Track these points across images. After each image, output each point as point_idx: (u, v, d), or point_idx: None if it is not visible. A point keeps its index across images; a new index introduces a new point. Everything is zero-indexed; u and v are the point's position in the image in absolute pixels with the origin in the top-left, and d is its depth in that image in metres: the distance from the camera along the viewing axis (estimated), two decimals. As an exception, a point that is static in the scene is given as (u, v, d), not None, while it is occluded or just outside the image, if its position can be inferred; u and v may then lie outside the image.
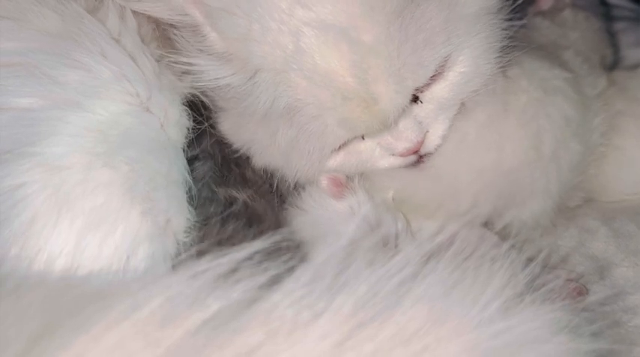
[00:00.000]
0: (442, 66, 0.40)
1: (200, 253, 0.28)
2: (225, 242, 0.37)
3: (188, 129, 0.43)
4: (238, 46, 0.37)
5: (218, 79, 0.39)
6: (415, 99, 0.41)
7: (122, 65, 0.39)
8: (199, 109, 0.44)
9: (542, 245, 0.44)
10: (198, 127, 0.43)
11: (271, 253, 0.28)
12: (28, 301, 0.29)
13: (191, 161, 0.43)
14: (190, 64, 0.40)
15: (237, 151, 0.45)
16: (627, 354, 0.35)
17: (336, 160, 0.43)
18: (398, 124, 0.41)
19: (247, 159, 0.45)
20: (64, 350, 0.26)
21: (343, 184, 0.43)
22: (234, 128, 0.44)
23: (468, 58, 0.41)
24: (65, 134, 0.36)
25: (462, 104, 0.44)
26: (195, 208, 0.40)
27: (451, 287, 0.27)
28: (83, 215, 0.35)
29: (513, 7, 0.45)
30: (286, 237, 0.30)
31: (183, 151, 0.42)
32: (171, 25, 0.40)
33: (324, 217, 0.43)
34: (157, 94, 0.41)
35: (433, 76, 0.40)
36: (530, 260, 0.36)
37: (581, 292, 0.43)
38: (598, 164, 0.51)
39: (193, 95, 0.44)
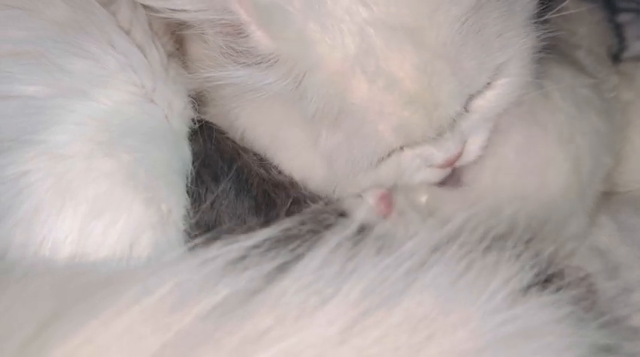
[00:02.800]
0: (493, 76, 0.40)
1: (210, 240, 0.29)
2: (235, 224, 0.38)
3: (193, 120, 0.43)
4: (290, 46, 0.36)
5: (259, 87, 0.38)
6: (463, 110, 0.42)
7: (129, 55, 0.40)
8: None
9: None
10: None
11: (280, 241, 0.30)
12: (35, 288, 0.31)
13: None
14: (226, 76, 0.39)
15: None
16: (628, 349, 0.36)
17: (376, 174, 0.43)
18: (443, 135, 0.41)
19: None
20: (73, 335, 0.27)
21: (392, 203, 0.44)
22: (258, 128, 0.43)
23: (516, 68, 0.41)
24: (69, 123, 0.38)
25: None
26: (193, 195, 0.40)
27: (458, 277, 0.28)
28: (86, 203, 0.36)
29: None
30: (295, 225, 0.31)
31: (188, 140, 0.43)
32: (201, 33, 0.39)
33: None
34: (163, 85, 0.42)
35: (485, 86, 0.40)
36: (538, 253, 0.38)
37: (590, 289, 0.44)
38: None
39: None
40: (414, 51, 0.36)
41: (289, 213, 0.40)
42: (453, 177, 0.46)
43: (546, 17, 0.50)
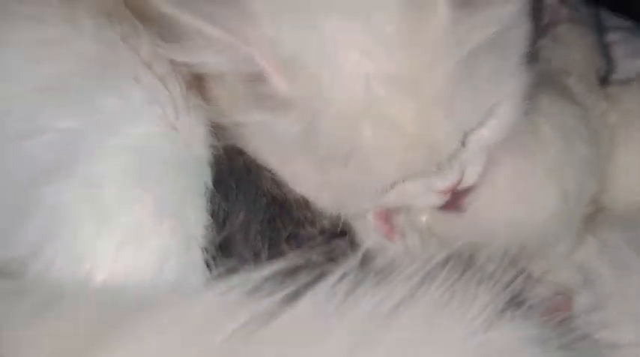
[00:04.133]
0: (487, 114, 0.45)
1: (231, 270, 0.35)
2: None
3: (214, 146, 0.48)
4: (305, 92, 0.41)
5: (278, 127, 0.43)
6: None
7: (153, 89, 0.44)
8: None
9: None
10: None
11: (290, 271, 0.35)
12: (75, 308, 0.36)
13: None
14: (244, 120, 0.44)
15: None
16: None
17: (380, 201, 0.47)
18: (443, 166, 0.46)
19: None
20: (110, 354, 0.33)
21: (391, 221, 0.49)
22: (270, 158, 0.47)
23: (509, 106, 0.46)
24: (102, 155, 0.42)
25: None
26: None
27: (442, 305, 0.33)
28: (120, 230, 0.41)
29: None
30: (306, 257, 0.37)
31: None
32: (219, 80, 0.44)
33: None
34: (184, 114, 0.46)
35: (479, 123, 0.45)
36: (518, 272, 0.43)
37: (567, 306, 0.49)
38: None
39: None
40: (412, 99, 0.41)
41: (290, 237, 0.45)
42: (452, 202, 0.52)
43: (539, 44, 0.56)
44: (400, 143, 0.42)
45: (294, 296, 0.33)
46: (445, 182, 0.47)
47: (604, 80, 0.63)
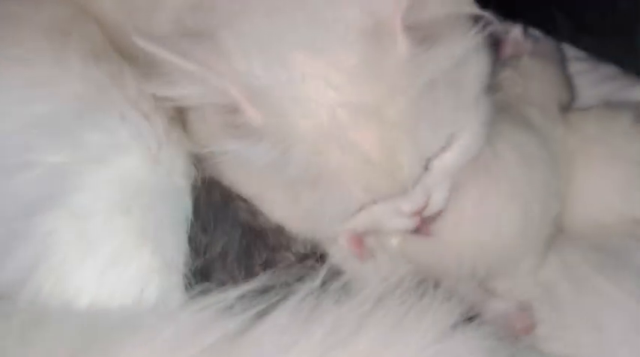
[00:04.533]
0: (449, 140, 0.48)
1: (204, 291, 0.38)
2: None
3: (195, 178, 0.51)
4: (276, 120, 0.43)
5: (253, 156, 0.45)
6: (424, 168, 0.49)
7: (137, 125, 0.48)
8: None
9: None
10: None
11: (260, 291, 0.38)
12: (60, 330, 0.39)
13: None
14: (222, 149, 0.47)
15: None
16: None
17: (350, 224, 0.50)
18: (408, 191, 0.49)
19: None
20: None
21: (362, 244, 0.52)
22: (247, 185, 0.51)
23: (469, 133, 0.49)
24: (88, 187, 0.46)
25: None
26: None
27: (399, 319, 0.37)
28: (104, 255, 0.44)
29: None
30: (277, 277, 0.40)
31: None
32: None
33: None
34: (166, 148, 0.50)
35: (442, 148, 0.48)
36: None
37: (527, 321, 0.52)
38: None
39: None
40: (376, 126, 0.44)
41: (266, 262, 0.48)
42: (422, 227, 0.55)
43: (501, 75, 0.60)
44: (365, 168, 0.45)
45: (264, 314, 0.36)
46: (411, 205, 0.50)
47: (567, 109, 0.67)
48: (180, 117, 0.54)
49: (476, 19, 0.49)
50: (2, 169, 0.46)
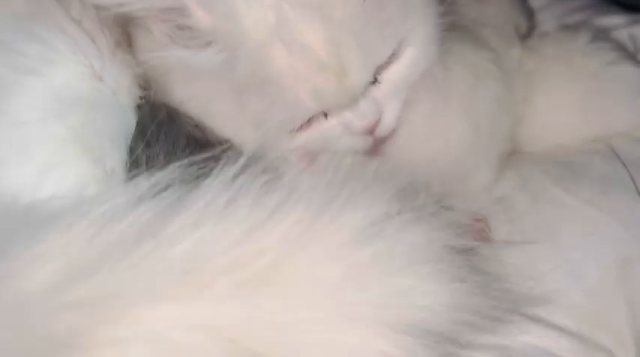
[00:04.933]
0: (397, 49, 0.48)
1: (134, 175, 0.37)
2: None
3: (140, 97, 0.51)
4: (224, 21, 0.43)
5: (201, 62, 0.45)
6: (374, 80, 0.49)
7: (79, 40, 0.48)
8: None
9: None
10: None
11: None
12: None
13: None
14: (169, 56, 0.46)
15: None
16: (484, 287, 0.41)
17: (300, 138, 0.49)
18: (359, 103, 0.48)
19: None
20: (24, 252, 0.35)
21: (314, 162, 0.50)
22: (194, 98, 0.50)
23: (418, 42, 0.49)
24: (25, 95, 0.45)
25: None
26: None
27: (333, 196, 0.36)
28: (41, 161, 0.44)
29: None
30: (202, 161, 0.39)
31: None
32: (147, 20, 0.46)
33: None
34: (110, 66, 0.49)
35: (390, 59, 0.48)
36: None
37: (485, 233, 0.52)
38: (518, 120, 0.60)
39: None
40: (322, 24, 0.43)
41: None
42: (374, 148, 0.54)
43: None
44: (312, 68, 0.44)
45: (191, 189, 0.36)
46: (362, 121, 0.50)
47: (526, 37, 0.67)
48: (127, 40, 0.54)
49: None
50: (-61, 80, 0.45)
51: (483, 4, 0.63)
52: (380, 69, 0.49)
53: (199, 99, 0.50)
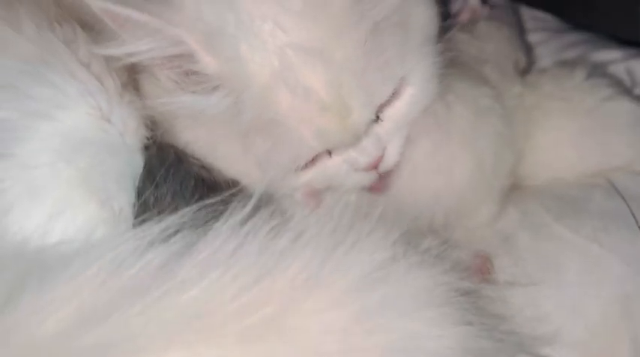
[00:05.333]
0: (398, 87, 0.49)
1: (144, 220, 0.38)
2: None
3: (147, 138, 0.52)
4: (230, 65, 0.45)
5: (208, 107, 0.46)
6: (376, 118, 0.50)
7: (88, 84, 0.49)
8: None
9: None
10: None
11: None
12: (4, 268, 0.39)
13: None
14: (177, 102, 0.48)
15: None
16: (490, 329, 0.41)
17: (305, 176, 0.50)
18: (362, 141, 0.50)
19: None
20: (34, 298, 0.36)
21: (317, 195, 0.52)
22: (201, 141, 0.51)
23: (418, 80, 0.50)
24: (35, 139, 0.46)
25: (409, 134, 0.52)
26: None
27: (338, 243, 0.37)
28: (50, 205, 0.45)
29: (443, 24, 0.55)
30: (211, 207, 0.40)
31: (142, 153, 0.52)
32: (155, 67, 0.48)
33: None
34: (118, 108, 0.51)
35: (391, 96, 0.49)
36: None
37: (488, 271, 0.52)
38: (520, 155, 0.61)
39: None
40: (323, 67, 0.45)
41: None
42: (378, 184, 0.55)
43: (451, 35, 0.61)
44: (314, 109, 0.45)
45: (200, 236, 0.36)
46: (367, 158, 0.51)
47: (525, 71, 0.69)
48: (133, 83, 0.55)
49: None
50: (-46, 125, 0.46)
51: (483, 42, 0.65)
52: (381, 107, 0.50)
53: (205, 142, 0.52)
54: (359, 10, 0.45)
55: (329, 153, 0.51)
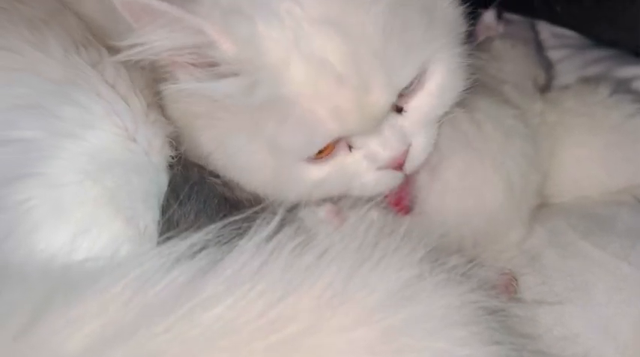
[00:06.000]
0: (422, 76, 0.48)
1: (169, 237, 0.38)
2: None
3: (172, 157, 0.52)
4: (246, 46, 0.44)
5: (224, 91, 0.45)
6: (400, 110, 0.49)
7: (113, 104, 0.50)
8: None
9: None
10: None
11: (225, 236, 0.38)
12: (23, 285, 0.39)
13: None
14: (201, 88, 0.47)
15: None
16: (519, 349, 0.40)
17: (322, 171, 0.48)
18: (384, 132, 0.48)
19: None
20: (61, 315, 0.36)
21: (341, 213, 0.52)
22: (217, 142, 0.50)
23: (444, 71, 0.49)
24: (62, 158, 0.47)
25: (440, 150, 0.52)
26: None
27: (365, 260, 0.36)
28: (76, 222, 0.45)
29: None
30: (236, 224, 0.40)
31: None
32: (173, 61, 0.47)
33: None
34: (143, 128, 0.51)
35: (414, 86, 0.47)
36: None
37: (513, 288, 0.51)
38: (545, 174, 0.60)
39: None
40: (341, 39, 0.44)
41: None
42: (399, 200, 0.54)
43: (473, 53, 0.60)
44: (330, 83, 0.44)
45: (226, 253, 0.36)
46: (389, 151, 0.48)
47: (546, 88, 0.68)
48: (158, 103, 0.55)
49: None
50: (-21, 146, 0.47)
51: (501, 62, 0.65)
52: (405, 98, 0.48)
53: (222, 140, 0.50)
54: None
55: (348, 147, 0.49)
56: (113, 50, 0.53)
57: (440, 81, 0.49)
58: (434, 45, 0.48)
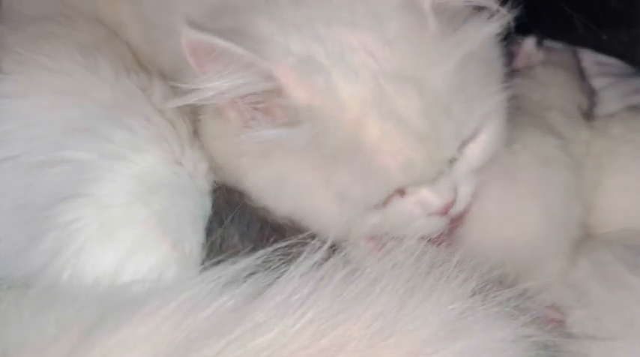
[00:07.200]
0: (479, 125, 0.48)
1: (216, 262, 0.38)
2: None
3: (215, 181, 0.53)
4: (321, 96, 0.43)
5: (292, 139, 0.45)
6: (452, 160, 0.49)
7: (161, 128, 0.51)
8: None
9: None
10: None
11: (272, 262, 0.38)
12: (74, 307, 0.39)
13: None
14: (260, 136, 0.45)
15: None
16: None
17: (377, 217, 0.48)
18: (438, 181, 0.48)
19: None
20: (108, 338, 0.36)
21: (379, 240, 0.50)
22: (267, 179, 0.49)
23: (494, 123, 0.50)
24: (111, 180, 0.47)
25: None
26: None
27: (412, 286, 0.36)
28: (123, 244, 0.45)
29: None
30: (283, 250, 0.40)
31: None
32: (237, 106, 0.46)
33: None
34: (189, 152, 0.52)
35: (472, 133, 0.48)
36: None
37: (559, 318, 0.50)
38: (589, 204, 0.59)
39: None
40: (418, 95, 0.44)
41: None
42: (445, 235, 0.53)
43: (515, 79, 0.60)
44: (405, 139, 0.44)
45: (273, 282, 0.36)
46: (441, 199, 0.49)
47: (588, 115, 0.67)
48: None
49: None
50: (34, 165, 0.48)
51: (546, 87, 0.64)
52: (464, 144, 0.49)
53: (273, 180, 0.49)
54: (451, 40, 0.45)
55: (401, 193, 0.49)
56: (162, 75, 0.55)
57: (493, 132, 0.49)
58: (491, 98, 0.48)
